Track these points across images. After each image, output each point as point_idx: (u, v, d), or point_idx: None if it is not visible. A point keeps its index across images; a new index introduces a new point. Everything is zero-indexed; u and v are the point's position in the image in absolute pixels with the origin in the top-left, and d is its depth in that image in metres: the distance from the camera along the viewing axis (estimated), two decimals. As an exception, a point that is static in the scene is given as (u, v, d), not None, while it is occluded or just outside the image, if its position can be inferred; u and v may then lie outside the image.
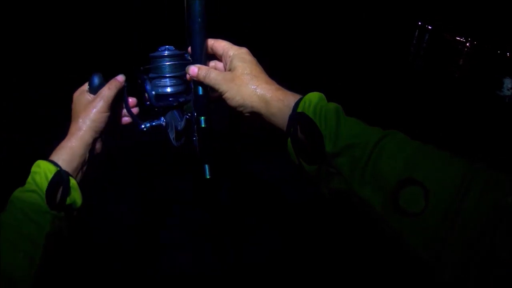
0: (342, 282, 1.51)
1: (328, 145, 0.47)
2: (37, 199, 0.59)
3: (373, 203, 0.43)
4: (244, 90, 0.57)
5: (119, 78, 0.71)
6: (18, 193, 0.61)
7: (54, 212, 0.60)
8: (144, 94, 0.74)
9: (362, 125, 0.48)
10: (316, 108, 0.50)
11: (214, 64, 0.70)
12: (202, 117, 0.71)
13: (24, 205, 0.59)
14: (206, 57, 0.69)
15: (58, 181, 0.61)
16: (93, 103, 0.67)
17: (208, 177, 0.73)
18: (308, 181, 0.54)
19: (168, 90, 0.73)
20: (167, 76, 0.72)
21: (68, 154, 0.65)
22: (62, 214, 0.62)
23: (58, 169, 0.62)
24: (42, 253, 0.57)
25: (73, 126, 0.68)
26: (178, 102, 0.73)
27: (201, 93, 0.69)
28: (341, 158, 0.47)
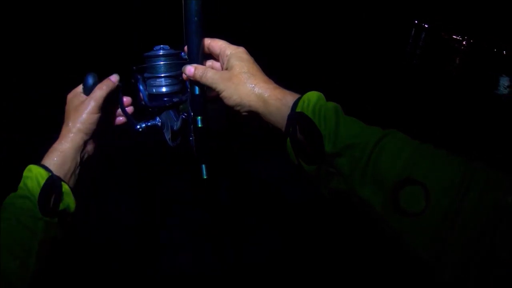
0: (342, 282, 1.50)
1: (327, 145, 0.47)
2: (29, 206, 0.58)
3: (373, 203, 0.43)
4: (241, 89, 0.57)
5: (113, 78, 0.69)
6: (11, 199, 0.60)
7: (47, 218, 0.59)
8: (138, 94, 0.73)
9: (362, 124, 0.48)
10: (315, 107, 0.50)
11: (211, 63, 0.69)
12: (199, 117, 0.70)
13: (17, 211, 0.58)
14: (202, 56, 0.68)
15: (50, 187, 0.60)
16: (83, 105, 0.66)
17: (205, 177, 0.72)
18: (307, 181, 0.53)
19: (163, 90, 0.71)
20: (162, 75, 0.71)
21: (59, 157, 0.63)
22: (56, 220, 0.61)
23: (50, 174, 0.61)
24: (36, 259, 0.56)
25: (64, 128, 0.66)
26: (173, 102, 0.72)
27: (197, 92, 0.68)
28: (341, 159, 0.46)
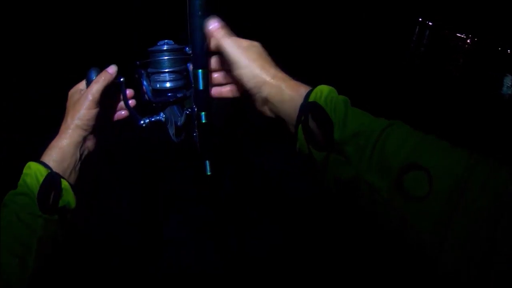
0: (343, 276, 1.49)
1: (336, 133, 0.49)
2: (28, 203, 0.58)
3: (379, 188, 0.45)
4: (264, 74, 0.57)
5: (110, 69, 0.68)
6: (11, 196, 0.59)
7: (46, 215, 0.58)
8: (141, 89, 0.72)
9: (369, 115, 0.51)
10: (327, 98, 0.52)
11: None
12: (203, 112, 0.69)
13: (16, 208, 0.57)
14: (207, 52, 0.67)
15: (49, 184, 0.59)
16: (80, 100, 0.65)
17: (209, 173, 0.72)
18: (314, 171, 0.54)
19: (167, 85, 0.71)
20: (166, 71, 0.70)
21: (58, 154, 0.63)
22: (56, 217, 0.60)
23: (49, 171, 0.60)
24: (36, 257, 0.55)
25: (63, 124, 0.66)
26: (177, 98, 0.71)
27: (201, 87, 0.67)
28: (348, 146, 0.48)
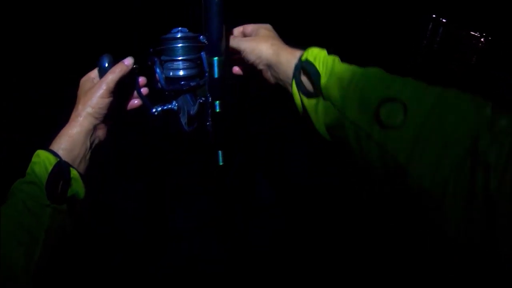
0: (345, 267, 1.48)
1: (323, 80, 0.56)
2: (36, 191, 0.56)
3: (361, 124, 0.50)
4: (262, 44, 0.66)
5: (126, 61, 0.67)
6: (19, 184, 0.58)
7: (54, 205, 0.57)
8: (154, 77, 0.71)
9: (354, 66, 0.56)
10: (316, 56, 0.59)
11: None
12: (217, 101, 0.68)
13: (24, 196, 0.56)
14: (224, 41, 0.66)
15: (58, 172, 0.57)
16: (94, 88, 0.64)
17: (221, 163, 0.70)
18: (311, 123, 0.60)
19: (180, 74, 0.69)
20: (180, 59, 0.69)
21: (67, 142, 0.61)
22: (64, 207, 0.59)
23: (58, 159, 0.58)
24: (42, 247, 0.53)
25: (73, 112, 0.64)
26: (190, 86, 0.70)
27: (217, 76, 0.67)
28: (333, 90, 0.54)
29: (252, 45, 0.67)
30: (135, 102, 0.71)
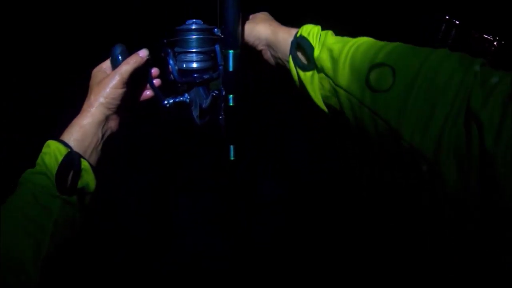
0: (348, 263, 1.46)
1: (316, 52, 0.58)
2: (46, 182, 0.54)
3: (353, 91, 0.51)
4: (260, 25, 0.68)
5: (141, 53, 0.66)
6: (28, 175, 0.56)
7: (64, 196, 0.55)
8: (167, 69, 0.69)
9: (345, 37, 0.57)
10: (310, 31, 0.61)
11: None
12: (231, 95, 0.67)
13: (33, 187, 0.54)
14: (239, 34, 0.65)
15: (69, 163, 0.56)
16: (107, 79, 0.62)
17: (232, 158, 0.69)
18: (309, 99, 0.62)
19: (193, 66, 0.68)
20: (194, 51, 0.68)
21: (79, 133, 0.59)
22: (74, 198, 0.57)
23: (69, 150, 0.57)
24: (51, 239, 0.52)
25: (85, 102, 0.63)
26: (203, 79, 0.69)
27: (231, 69, 0.65)
28: (325, 61, 0.56)
29: (250, 26, 0.69)
30: (147, 93, 0.70)
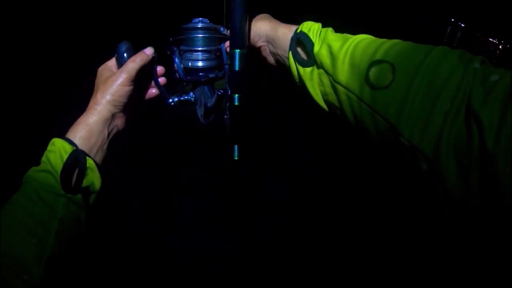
0: (350, 263, 1.47)
1: (316, 47, 0.58)
2: (51, 180, 0.54)
3: (353, 88, 0.51)
4: (260, 22, 0.68)
5: (147, 51, 0.66)
6: (32, 173, 0.55)
7: (69, 195, 0.54)
8: (172, 67, 0.69)
9: (346, 34, 0.57)
10: (311, 27, 0.61)
11: None
12: (236, 94, 0.67)
13: (38, 185, 0.54)
14: (246, 33, 0.65)
15: (74, 161, 0.55)
16: (114, 76, 0.62)
17: (236, 158, 0.69)
18: (309, 96, 0.61)
19: (199, 65, 0.68)
20: (199, 49, 0.68)
21: (85, 131, 0.59)
22: (79, 197, 0.56)
23: (74, 148, 0.56)
24: (55, 239, 0.51)
25: (91, 100, 0.62)
26: (209, 78, 0.69)
27: (237, 68, 0.65)
28: (324, 57, 0.56)
29: (251, 24, 0.69)
30: (153, 91, 0.69)
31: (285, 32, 0.65)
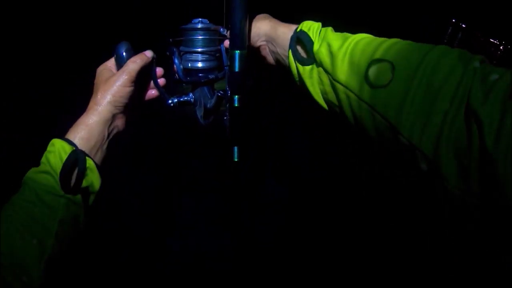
0: (351, 263, 1.47)
1: (315, 46, 0.58)
2: (50, 181, 0.54)
3: (352, 87, 0.50)
4: (260, 22, 0.68)
5: (147, 53, 0.66)
6: (32, 174, 0.55)
7: (69, 196, 0.54)
8: (172, 68, 0.69)
9: (345, 33, 0.57)
10: (311, 26, 0.61)
11: None
12: (236, 95, 0.66)
13: (37, 186, 0.53)
14: (246, 34, 0.65)
15: (73, 162, 0.55)
16: (114, 77, 0.62)
17: (236, 159, 0.68)
18: (309, 95, 0.61)
19: (198, 65, 0.68)
20: (199, 50, 0.68)
21: (85, 131, 0.59)
22: (79, 198, 0.56)
23: (74, 148, 0.56)
24: (55, 240, 0.51)
25: (91, 101, 0.62)
26: (208, 79, 0.68)
27: (237, 69, 0.65)
28: (324, 55, 0.56)
29: (251, 25, 0.68)
30: (152, 92, 0.69)
31: (285, 31, 0.64)
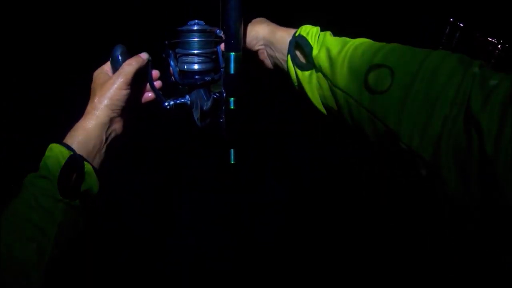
0: (351, 263, 1.47)
1: (314, 51, 0.58)
2: (49, 186, 0.54)
3: (351, 92, 0.50)
4: (258, 26, 0.67)
5: (143, 55, 0.66)
6: (31, 178, 0.56)
7: (67, 200, 0.55)
8: (168, 70, 0.69)
9: (344, 38, 0.57)
10: (309, 31, 0.61)
11: None
12: (232, 98, 0.66)
13: (36, 191, 0.54)
14: (241, 36, 0.65)
15: (71, 166, 0.56)
16: (110, 80, 0.62)
17: (233, 162, 0.68)
18: (308, 101, 0.61)
19: (195, 67, 0.68)
20: (195, 52, 0.68)
21: (82, 136, 0.59)
22: (77, 202, 0.57)
23: (72, 153, 0.57)
24: (54, 244, 0.52)
25: (89, 105, 0.63)
26: (205, 81, 0.68)
27: (233, 72, 0.65)
28: (323, 60, 0.56)
29: (248, 28, 0.68)
30: (149, 95, 0.69)
31: (283, 35, 0.64)
